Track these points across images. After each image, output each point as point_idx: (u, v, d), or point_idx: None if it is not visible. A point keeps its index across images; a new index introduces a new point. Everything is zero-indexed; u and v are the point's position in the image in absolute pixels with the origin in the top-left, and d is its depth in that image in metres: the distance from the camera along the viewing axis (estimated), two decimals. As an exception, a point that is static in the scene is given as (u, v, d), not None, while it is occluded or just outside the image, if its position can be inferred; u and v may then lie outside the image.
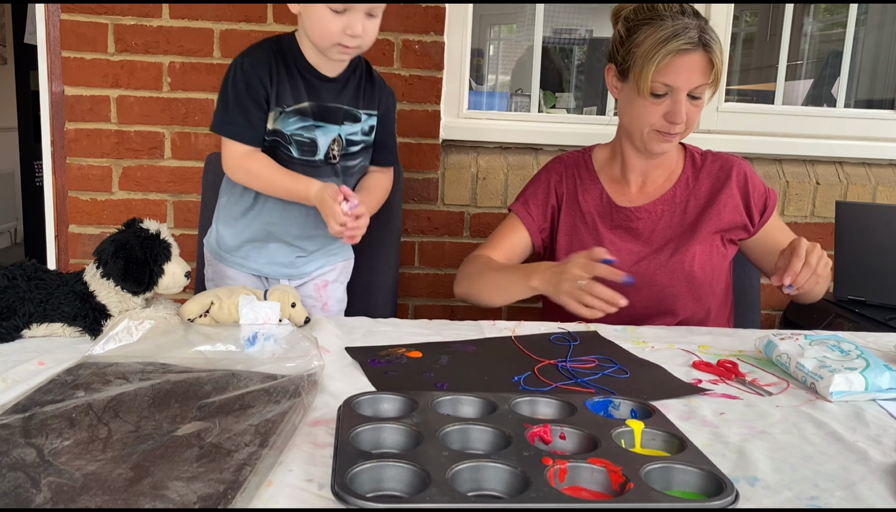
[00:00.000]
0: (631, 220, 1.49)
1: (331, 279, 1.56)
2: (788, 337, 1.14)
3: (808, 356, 1.06)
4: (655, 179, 1.51)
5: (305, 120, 1.38)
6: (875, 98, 2.93)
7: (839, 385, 0.98)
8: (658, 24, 1.34)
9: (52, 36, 1.98)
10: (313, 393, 0.92)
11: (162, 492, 0.64)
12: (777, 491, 0.73)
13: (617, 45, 1.43)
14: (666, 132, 1.39)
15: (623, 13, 1.43)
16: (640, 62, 1.34)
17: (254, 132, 1.37)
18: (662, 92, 1.35)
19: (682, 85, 1.34)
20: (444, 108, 2.12)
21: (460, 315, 2.09)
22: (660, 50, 1.32)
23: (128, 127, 2.01)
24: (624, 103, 1.45)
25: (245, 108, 1.36)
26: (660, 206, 1.49)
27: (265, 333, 1.09)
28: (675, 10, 1.36)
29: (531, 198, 1.56)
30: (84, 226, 2.06)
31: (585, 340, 1.22)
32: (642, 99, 1.36)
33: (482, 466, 0.70)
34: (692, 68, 1.34)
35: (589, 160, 1.57)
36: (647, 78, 1.33)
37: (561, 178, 1.55)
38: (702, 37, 1.33)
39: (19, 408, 0.81)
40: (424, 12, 2.01)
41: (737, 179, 1.48)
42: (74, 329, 1.12)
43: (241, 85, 1.35)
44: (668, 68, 1.33)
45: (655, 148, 1.42)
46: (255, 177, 1.39)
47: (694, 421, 0.90)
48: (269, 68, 1.36)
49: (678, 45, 1.32)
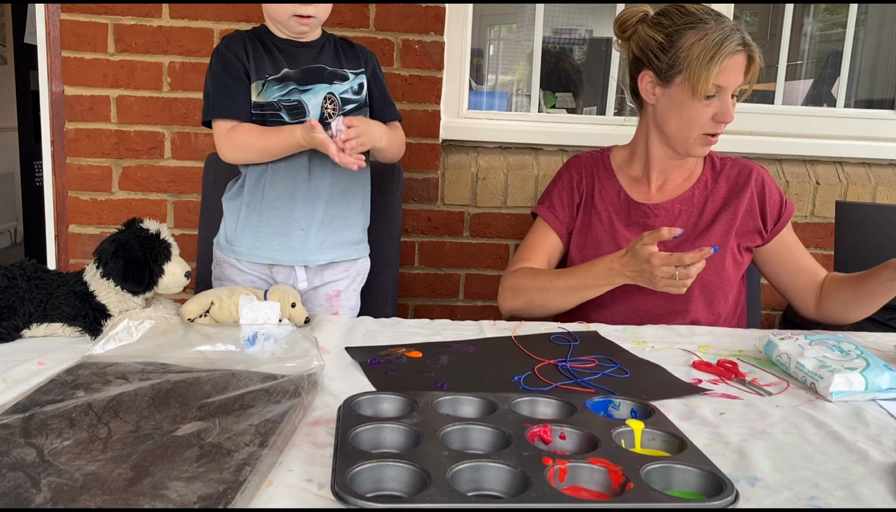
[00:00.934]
0: (648, 216, 1.51)
1: (342, 288, 1.55)
2: (788, 337, 1.14)
3: (808, 356, 1.06)
4: (675, 179, 1.53)
5: (289, 85, 1.41)
6: (875, 98, 2.93)
7: (839, 385, 0.98)
8: (702, 27, 1.37)
9: (52, 36, 1.98)
10: (313, 393, 0.92)
11: (162, 492, 0.64)
12: (777, 491, 0.73)
13: (656, 51, 1.41)
14: (713, 134, 1.42)
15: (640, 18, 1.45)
16: (698, 65, 1.35)
17: (237, 106, 1.40)
18: (713, 93, 1.38)
19: (732, 85, 1.38)
20: (444, 108, 2.12)
21: (460, 315, 2.09)
22: (717, 52, 1.34)
23: (128, 127, 2.01)
24: (668, 108, 1.43)
25: (226, 87, 1.40)
26: (678, 205, 1.50)
27: (265, 333, 1.09)
28: (710, 11, 1.40)
29: (556, 199, 1.57)
30: (84, 226, 2.06)
31: (585, 340, 1.22)
32: (695, 102, 1.38)
33: (482, 466, 0.70)
34: (739, 68, 1.38)
35: (607, 159, 1.59)
36: (708, 80, 1.35)
37: (581, 177, 1.57)
38: (744, 37, 1.37)
39: (19, 408, 0.82)
40: (424, 12, 2.01)
41: (755, 184, 1.49)
42: (74, 329, 1.12)
43: (218, 68, 1.41)
44: (723, 70, 1.36)
45: (699, 151, 1.45)
46: (245, 146, 1.40)
47: (694, 421, 0.90)
48: (243, 45, 1.42)
49: (733, 46, 1.35)
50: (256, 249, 1.47)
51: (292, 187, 1.44)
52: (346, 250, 1.53)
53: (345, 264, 1.54)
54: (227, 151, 1.42)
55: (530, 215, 1.63)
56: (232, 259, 1.50)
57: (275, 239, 1.46)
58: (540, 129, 2.18)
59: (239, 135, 1.39)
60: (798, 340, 1.12)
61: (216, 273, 1.54)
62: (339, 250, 1.51)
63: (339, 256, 1.51)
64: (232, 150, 1.42)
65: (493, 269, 2.18)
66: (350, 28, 2.01)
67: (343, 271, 1.54)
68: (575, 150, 2.18)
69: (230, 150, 1.41)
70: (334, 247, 1.50)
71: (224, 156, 1.43)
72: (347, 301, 1.57)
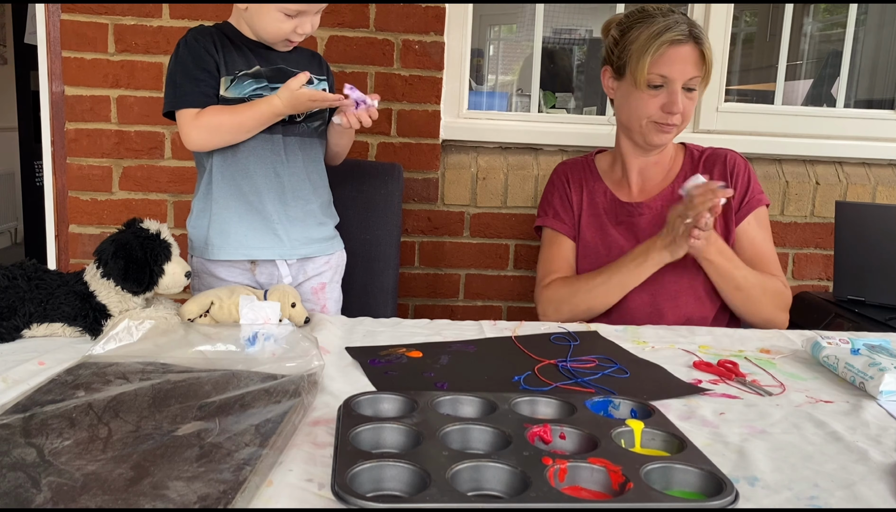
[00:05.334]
0: (632, 215, 1.54)
1: (326, 280, 1.55)
2: (835, 343, 1.13)
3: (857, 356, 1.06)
4: (654, 177, 1.57)
5: (260, 81, 1.40)
6: (875, 98, 2.93)
7: (890, 384, 0.98)
8: (650, 21, 1.43)
9: (52, 36, 1.98)
10: (313, 393, 0.92)
11: (162, 492, 0.64)
12: (777, 491, 0.73)
13: (611, 47, 1.51)
14: (664, 123, 1.45)
15: (614, 21, 1.52)
16: (637, 55, 1.42)
17: (205, 97, 1.37)
18: (659, 83, 1.42)
19: (677, 76, 1.42)
20: (444, 108, 2.12)
21: (460, 315, 2.09)
22: (654, 41, 1.40)
23: (128, 127, 2.01)
24: (621, 101, 1.51)
25: (194, 78, 1.36)
26: (658, 201, 1.54)
27: (265, 333, 1.09)
28: (664, 9, 1.46)
29: (558, 206, 1.61)
30: (84, 226, 2.06)
31: (585, 340, 1.22)
32: (639, 92, 1.44)
33: (482, 466, 0.70)
34: (685, 60, 1.41)
35: (592, 164, 1.64)
36: (644, 69, 1.41)
37: (569, 181, 1.62)
38: (692, 31, 1.42)
39: (19, 408, 0.82)
40: (424, 12, 2.01)
41: (726, 165, 1.54)
42: (74, 329, 1.12)
43: (187, 59, 1.37)
44: (662, 59, 1.41)
45: (655, 139, 1.48)
46: (216, 127, 1.36)
47: (694, 421, 0.90)
48: (212, 40, 1.39)
49: (671, 35, 1.40)
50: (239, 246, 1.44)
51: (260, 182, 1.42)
52: (322, 245, 1.53)
53: (323, 257, 1.54)
54: (196, 135, 1.36)
55: (535, 231, 1.68)
56: (211, 268, 1.46)
57: (249, 234, 1.43)
58: (540, 129, 2.18)
59: (208, 116, 1.35)
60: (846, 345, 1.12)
61: (195, 285, 1.48)
62: (316, 245, 1.51)
63: (316, 251, 1.52)
64: (201, 132, 1.36)
65: (493, 269, 2.18)
66: (350, 28, 2.01)
67: (324, 264, 1.54)
68: (575, 150, 2.18)
69: (199, 132, 1.36)
70: (310, 242, 1.50)
71: (191, 141, 1.37)
72: (332, 293, 1.57)
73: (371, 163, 2.04)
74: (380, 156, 2.08)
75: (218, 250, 1.44)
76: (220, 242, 1.44)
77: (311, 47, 1.86)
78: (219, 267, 1.46)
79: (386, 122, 2.07)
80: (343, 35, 2.01)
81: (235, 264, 1.46)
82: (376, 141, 2.08)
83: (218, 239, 1.44)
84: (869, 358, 1.04)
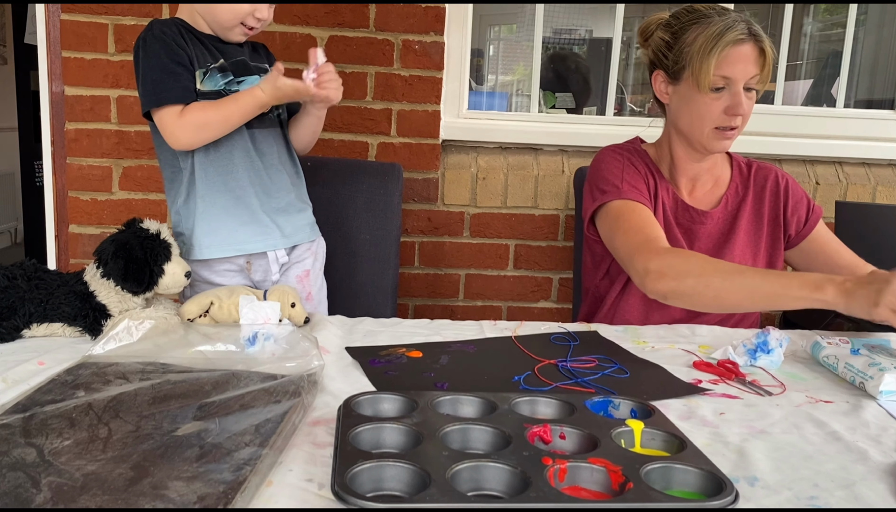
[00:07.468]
0: (695, 221, 1.48)
1: (309, 266, 1.56)
2: (835, 343, 1.13)
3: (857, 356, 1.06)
4: (704, 184, 1.52)
5: (228, 75, 1.41)
6: (875, 98, 2.93)
7: (890, 384, 0.98)
8: (706, 21, 1.37)
9: (52, 36, 1.98)
10: (313, 393, 0.92)
11: (162, 492, 0.64)
12: (777, 491, 0.73)
13: (663, 50, 1.43)
14: (727, 128, 1.40)
15: (659, 23, 1.46)
16: (699, 57, 1.35)
17: (187, 92, 1.35)
18: (721, 85, 1.37)
19: (740, 76, 1.36)
20: (444, 108, 2.12)
21: (460, 315, 2.09)
22: (717, 42, 1.34)
23: (128, 127, 2.01)
24: (680, 105, 1.44)
25: (173, 72, 1.34)
26: (720, 212, 1.50)
27: (265, 333, 1.09)
28: (717, 8, 1.40)
29: (632, 181, 1.44)
30: (84, 226, 2.06)
31: (585, 340, 1.22)
32: (702, 95, 1.38)
33: (482, 466, 0.70)
34: (747, 59, 1.36)
35: (647, 156, 1.53)
36: (710, 71, 1.35)
37: (635, 164, 1.48)
38: (751, 28, 1.36)
39: (19, 408, 0.81)
40: (424, 12, 2.01)
41: (779, 181, 1.52)
42: (74, 329, 1.12)
43: (161, 53, 1.34)
44: (726, 60, 1.35)
45: (716, 146, 1.43)
46: (204, 123, 1.34)
47: (694, 421, 0.90)
48: (179, 32, 1.37)
49: (734, 35, 1.34)
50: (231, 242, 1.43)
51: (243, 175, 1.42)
52: (306, 232, 1.55)
53: (304, 244, 1.55)
54: (183, 134, 1.34)
55: (589, 220, 1.48)
56: (203, 274, 1.44)
57: (239, 229, 1.43)
58: (540, 130, 2.18)
59: (194, 113, 1.34)
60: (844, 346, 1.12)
61: (186, 294, 1.40)
62: (301, 233, 1.53)
63: (302, 238, 1.54)
64: (188, 132, 1.34)
65: (493, 269, 2.18)
66: (350, 28, 2.01)
67: (306, 251, 1.55)
68: (575, 149, 2.18)
69: (186, 132, 1.34)
70: (296, 230, 1.51)
71: (178, 141, 1.36)
72: (316, 280, 1.57)
73: (371, 163, 2.04)
74: (380, 156, 2.08)
75: (208, 249, 1.43)
76: (210, 241, 1.43)
77: (312, 45, 1.87)
78: (211, 272, 1.45)
79: (386, 122, 2.07)
80: (343, 35, 2.02)
81: (226, 264, 1.45)
82: (376, 141, 2.08)
83: (207, 238, 1.43)
84: (869, 358, 1.04)
